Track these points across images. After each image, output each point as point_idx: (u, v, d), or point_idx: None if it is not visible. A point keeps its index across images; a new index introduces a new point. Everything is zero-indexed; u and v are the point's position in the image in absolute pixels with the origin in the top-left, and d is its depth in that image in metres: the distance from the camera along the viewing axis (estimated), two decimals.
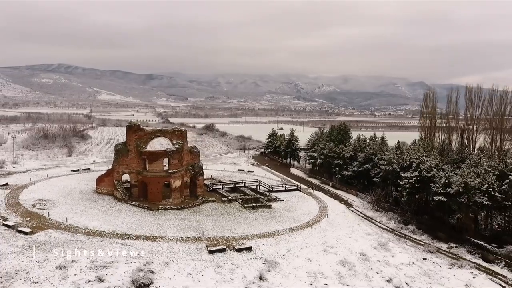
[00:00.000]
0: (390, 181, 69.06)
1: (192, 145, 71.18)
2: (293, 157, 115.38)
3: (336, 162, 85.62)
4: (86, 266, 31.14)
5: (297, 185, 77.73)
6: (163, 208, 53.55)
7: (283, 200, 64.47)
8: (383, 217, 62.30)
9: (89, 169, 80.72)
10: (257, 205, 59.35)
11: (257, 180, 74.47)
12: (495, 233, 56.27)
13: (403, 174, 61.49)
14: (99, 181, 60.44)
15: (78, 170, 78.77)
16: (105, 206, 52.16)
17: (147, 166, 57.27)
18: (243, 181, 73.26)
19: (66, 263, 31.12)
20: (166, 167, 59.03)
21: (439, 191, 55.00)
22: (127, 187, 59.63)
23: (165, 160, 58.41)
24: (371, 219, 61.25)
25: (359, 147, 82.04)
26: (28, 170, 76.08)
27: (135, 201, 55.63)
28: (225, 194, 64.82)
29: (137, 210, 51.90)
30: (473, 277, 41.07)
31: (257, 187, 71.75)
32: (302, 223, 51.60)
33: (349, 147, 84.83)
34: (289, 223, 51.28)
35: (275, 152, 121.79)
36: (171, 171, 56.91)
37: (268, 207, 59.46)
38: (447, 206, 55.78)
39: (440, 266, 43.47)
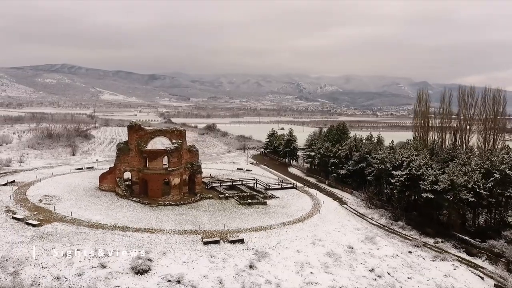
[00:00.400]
0: (383, 179, 71.38)
1: (191, 144, 73.72)
2: (292, 156, 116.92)
3: (332, 161, 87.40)
4: (90, 254, 33.88)
5: (293, 183, 79.63)
6: (163, 204, 55.85)
7: (278, 198, 66.27)
8: (375, 213, 64.34)
9: (92, 167, 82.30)
10: (252, 201, 61.16)
11: (254, 178, 76.53)
12: (480, 228, 58.45)
13: (395, 173, 63.69)
14: (102, 178, 62.67)
15: (81, 169, 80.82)
16: (107, 202, 54.49)
17: (147, 164, 59.30)
18: (240, 179, 75.57)
19: (71, 252, 33.89)
20: (166, 165, 61.26)
21: (427, 188, 57.17)
22: (129, 184, 61.72)
23: (165, 159, 60.43)
24: (363, 216, 63.33)
25: (354, 147, 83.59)
26: (34, 168, 78.38)
27: (136, 197, 57.80)
28: (222, 191, 66.67)
29: (138, 205, 54.23)
30: (454, 269, 43.31)
31: (254, 185, 73.77)
32: (294, 218, 53.78)
33: (345, 146, 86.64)
34: (282, 218, 53.40)
35: (274, 152, 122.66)
36: (170, 169, 59.25)
37: (263, 203, 61.36)
38: (434, 203, 58.06)
39: (424, 259, 45.65)
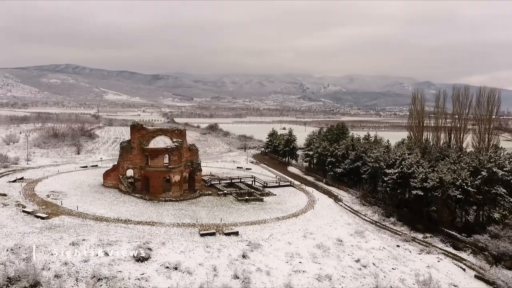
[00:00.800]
0: (378, 177, 73.72)
1: (192, 143, 76.45)
2: (291, 155, 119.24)
3: (329, 160, 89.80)
4: (95, 243, 36.71)
5: (290, 181, 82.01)
6: (163, 200, 58.53)
7: (275, 195, 68.60)
8: (368, 210, 66.67)
9: (97, 165, 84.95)
10: (250, 198, 63.60)
11: (252, 176, 79.18)
12: (468, 224, 60.73)
13: (388, 171, 66.04)
14: (106, 175, 65.47)
15: (86, 167, 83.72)
16: (111, 198, 57.25)
17: (149, 162, 61.93)
18: (239, 177, 78.17)
19: (78, 241, 36.78)
20: (167, 163, 63.70)
21: (417, 186, 59.61)
22: (131, 181, 64.34)
23: (166, 157, 63.03)
24: (356, 212, 65.75)
25: (351, 146, 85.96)
26: (41, 166, 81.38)
27: (138, 193, 60.53)
28: (221, 188, 69.25)
29: (140, 201, 56.99)
30: (438, 261, 45.68)
31: (252, 182, 76.22)
32: (289, 214, 56.30)
33: (342, 146, 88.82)
34: (277, 213, 55.94)
35: (274, 151, 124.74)
36: (171, 167, 61.98)
37: (260, 200, 63.82)
38: (424, 199, 60.60)
39: (410, 252, 48.02)
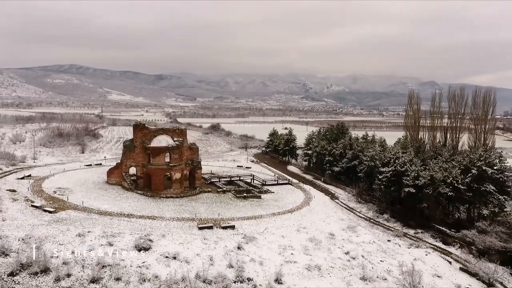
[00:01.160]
0: (373, 175, 75.75)
1: (193, 142, 78.96)
2: (291, 155, 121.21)
3: (327, 159, 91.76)
4: (99, 235, 39.29)
5: (288, 179, 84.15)
6: (164, 196, 61.01)
7: (273, 192, 70.81)
8: (363, 207, 68.68)
9: (101, 164, 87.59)
10: (248, 195, 65.79)
11: (251, 175, 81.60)
12: (459, 221, 62.77)
13: (382, 169, 68.20)
14: (110, 173, 68.08)
15: (91, 165, 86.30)
16: (114, 194, 59.85)
17: (151, 160, 64.48)
18: (238, 175, 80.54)
19: (83, 233, 39.37)
20: (168, 161, 66.15)
21: (410, 183, 61.71)
22: (134, 178, 66.83)
23: (167, 155, 65.46)
24: (352, 209, 67.76)
25: (348, 145, 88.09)
26: (47, 165, 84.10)
27: (140, 190, 63.02)
28: (220, 186, 71.52)
29: (142, 197, 59.48)
30: (426, 254, 47.71)
31: (251, 180, 78.58)
32: (284, 210, 58.62)
33: (339, 145, 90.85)
34: (273, 209, 58.20)
35: (275, 151, 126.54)
36: (172, 165, 64.49)
37: (258, 197, 66.00)
38: (416, 197, 62.61)
39: (400, 246, 50.09)
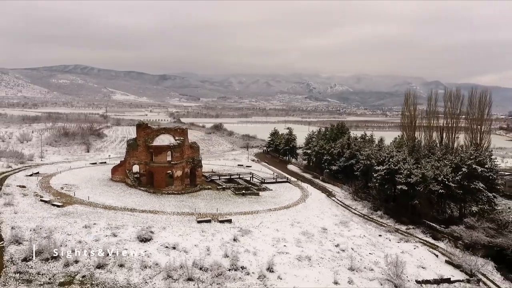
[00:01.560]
0: (369, 174, 78.01)
1: (193, 141, 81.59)
2: (291, 154, 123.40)
3: (325, 158, 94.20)
4: (104, 227, 42.09)
5: (287, 177, 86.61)
6: (166, 192, 63.76)
7: (271, 190, 73.21)
8: (358, 205, 71.00)
9: (105, 162, 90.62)
10: (247, 192, 68.37)
11: (250, 173, 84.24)
12: (451, 218, 64.91)
13: (377, 168, 70.52)
14: (114, 171, 71.01)
15: (95, 163, 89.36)
16: (118, 190, 62.74)
17: (153, 158, 67.25)
18: (238, 174, 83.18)
19: (89, 225, 42.22)
20: (170, 159, 68.84)
21: (402, 181, 63.99)
22: (137, 176, 69.69)
23: (168, 154, 68.38)
24: (347, 206, 70.09)
25: (346, 145, 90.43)
26: (54, 163, 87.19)
27: (143, 187, 65.85)
28: (220, 183, 74.22)
29: (144, 193, 62.33)
30: (414, 248, 49.84)
31: (251, 178, 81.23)
32: (280, 206, 61.12)
33: (338, 144, 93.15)
34: (270, 206, 60.70)
35: (275, 150, 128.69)
36: (173, 163, 67.21)
37: (256, 194, 68.53)
38: (409, 194, 64.87)
39: (390, 240, 52.31)
